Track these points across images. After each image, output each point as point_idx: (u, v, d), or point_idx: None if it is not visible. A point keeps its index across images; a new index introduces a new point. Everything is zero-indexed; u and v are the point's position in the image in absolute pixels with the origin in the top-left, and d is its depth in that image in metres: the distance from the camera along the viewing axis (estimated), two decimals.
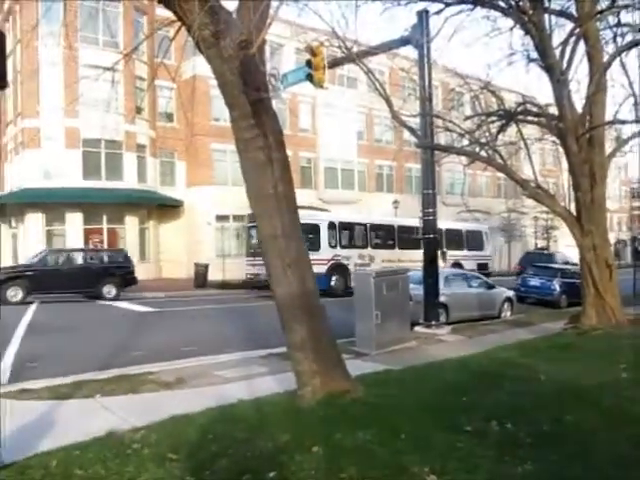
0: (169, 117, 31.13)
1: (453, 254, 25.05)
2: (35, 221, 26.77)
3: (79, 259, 19.31)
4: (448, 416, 5.16)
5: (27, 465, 4.14)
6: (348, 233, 23.44)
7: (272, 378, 7.13)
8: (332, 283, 21.06)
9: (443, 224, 26.45)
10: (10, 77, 27.44)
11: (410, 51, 13.65)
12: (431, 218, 12.42)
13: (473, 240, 28.45)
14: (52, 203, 25.89)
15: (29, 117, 26.63)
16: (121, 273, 19.57)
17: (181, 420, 5.14)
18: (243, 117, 5.11)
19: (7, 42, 4.07)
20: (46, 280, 17.44)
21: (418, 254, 23.42)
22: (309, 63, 13.32)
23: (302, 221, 22.22)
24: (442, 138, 17.67)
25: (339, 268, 21.63)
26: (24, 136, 26.88)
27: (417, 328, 11.65)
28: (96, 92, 22.78)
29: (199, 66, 22.71)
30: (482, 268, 26.16)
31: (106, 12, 28.11)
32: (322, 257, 20.61)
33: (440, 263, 23.67)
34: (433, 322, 11.89)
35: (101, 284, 18.83)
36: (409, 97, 14.24)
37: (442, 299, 12.56)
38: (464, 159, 13.52)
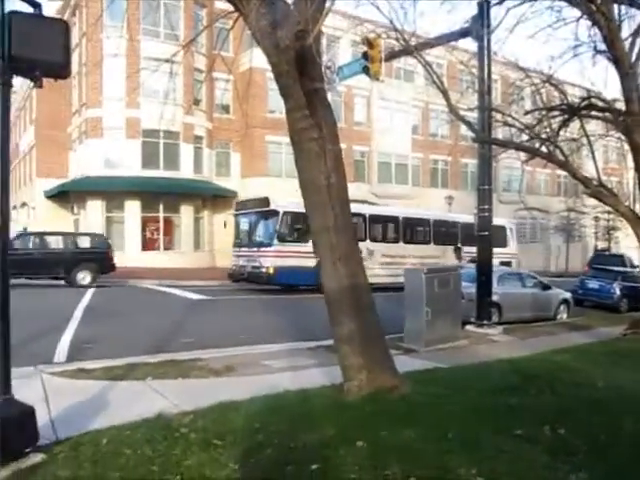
0: (225, 109, 31.59)
1: (470, 250, 23.27)
2: (96, 208, 27.81)
3: (52, 243, 18.50)
4: (498, 418, 5.01)
5: (79, 442, 4.28)
6: None
7: (319, 370, 7.13)
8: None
9: (459, 217, 25.16)
10: (76, 69, 28.54)
11: (469, 43, 13.33)
12: (486, 215, 12.11)
13: (494, 236, 26.26)
14: (112, 191, 26.82)
15: (92, 107, 27.60)
16: (97, 259, 18.54)
17: (228, 407, 5.20)
18: (298, 108, 5.10)
19: (74, 35, 4.20)
20: (15, 265, 15.94)
21: (427, 250, 22.40)
22: (366, 55, 13.27)
23: (291, 210, 20.02)
24: (500, 133, 17.21)
25: None
26: (87, 126, 27.91)
27: (468, 327, 11.42)
28: (156, 83, 23.43)
29: (256, 58, 22.86)
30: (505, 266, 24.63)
31: (167, 5, 28.73)
32: (311, 250, 19.33)
33: (453, 260, 22.77)
34: (485, 322, 11.63)
35: (75, 270, 18.02)
36: (467, 90, 13.93)
37: (495, 298, 12.26)
38: (523, 155, 13.11)
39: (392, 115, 35.91)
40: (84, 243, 19.25)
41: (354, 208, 24.05)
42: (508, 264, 25.13)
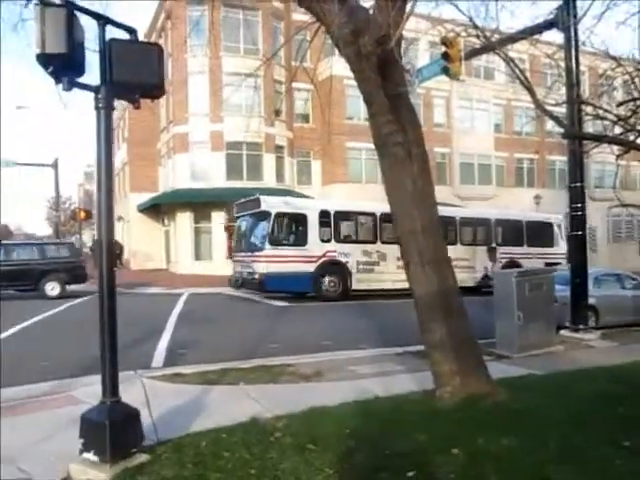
0: (305, 118, 32.12)
1: (507, 251, 20.75)
2: (184, 219, 29.10)
3: (19, 254, 17.74)
4: (601, 428, 4.74)
5: (180, 443, 4.47)
6: (348, 224, 19.75)
7: (408, 376, 7.05)
8: (324, 285, 17.63)
9: (492, 213, 22.35)
10: None
11: (555, 35, 12.78)
12: (580, 214, 11.50)
13: (538, 234, 22.52)
14: (199, 203, 27.93)
15: (179, 124, 28.91)
16: (67, 268, 17.78)
17: (319, 412, 5.26)
18: (382, 113, 5.10)
19: None
20: None
21: (451, 252, 20.10)
22: (445, 56, 13.02)
23: (285, 210, 18.08)
24: (590, 127, 16.34)
25: (333, 267, 17.95)
26: (175, 141, 29.26)
27: (563, 332, 10.87)
28: (238, 97, 24.21)
29: (335, 66, 23.15)
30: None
31: (246, 21, 29.63)
32: (309, 254, 17.37)
33: (486, 263, 20.10)
34: (581, 326, 11.02)
35: (44, 280, 17.32)
36: (554, 85, 13.33)
37: (591, 301, 11.59)
38: (616, 149, 12.37)
39: (473, 114, 35.08)
40: (53, 252, 18.44)
41: (364, 206, 19.75)
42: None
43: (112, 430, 3.90)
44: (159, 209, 31.97)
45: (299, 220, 17.83)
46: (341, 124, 29.90)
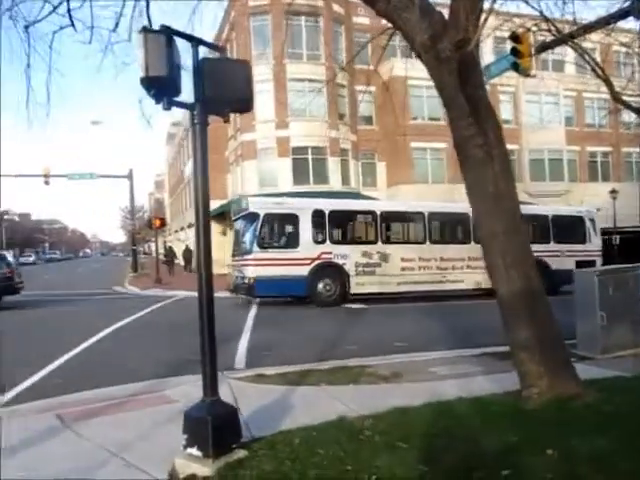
0: (368, 120, 32.20)
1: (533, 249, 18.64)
2: None
3: None
4: None
5: (274, 441, 4.67)
6: (345, 224, 18.95)
7: (487, 378, 6.99)
8: (319, 289, 16.79)
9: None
10: None
11: (630, 24, 12.30)
12: None
13: (567, 229, 20.58)
14: None
15: (247, 131, 29.66)
16: None
17: (404, 412, 5.33)
18: (461, 116, 5.13)
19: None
20: None
21: (463, 251, 17.95)
22: (514, 51, 12.81)
23: (275, 211, 17.22)
24: None
25: (329, 269, 16.96)
26: (243, 149, 30.04)
27: None
28: (302, 103, 24.61)
29: (396, 68, 23.14)
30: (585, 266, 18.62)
31: (308, 27, 30.07)
32: (301, 256, 16.55)
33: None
34: None
35: None
36: (633, 76, 12.82)
37: None
38: None
39: (541, 109, 34.04)
40: None
41: (363, 205, 19.98)
42: (591, 265, 18.77)
43: (214, 426, 4.13)
44: (226, 216, 32.84)
45: (290, 221, 17.06)
46: (405, 125, 29.79)
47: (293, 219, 16.89)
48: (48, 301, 19.83)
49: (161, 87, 3.91)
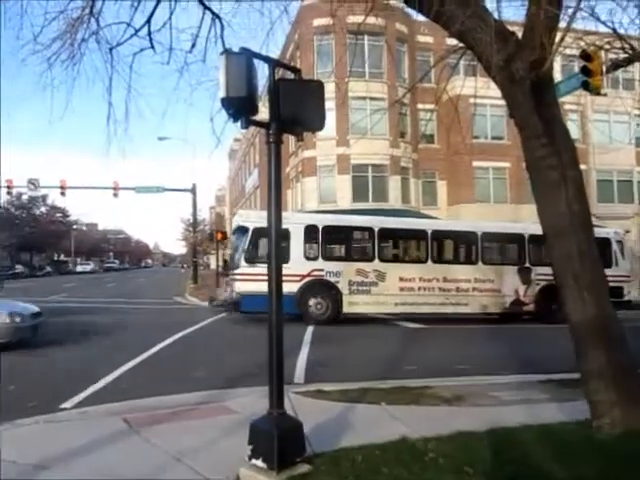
0: (429, 139, 32.01)
1: (546, 272, 15.51)
2: None
3: None
4: None
5: (336, 457, 4.67)
6: (339, 240, 18.25)
7: (554, 405, 6.75)
8: (310, 306, 16.24)
9: (523, 228, 18.28)
10: None
11: None
12: None
13: None
14: None
15: (307, 148, 30.07)
16: None
17: (468, 436, 5.23)
18: (535, 136, 5.06)
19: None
20: None
21: (470, 271, 17.00)
22: (584, 70, 12.48)
23: (264, 225, 18.36)
24: None
25: (320, 287, 16.40)
26: (303, 165, 30.46)
27: None
28: (364, 121, 24.77)
29: (458, 87, 22.93)
30: (612, 292, 15.91)
31: (371, 46, 30.29)
32: (291, 272, 15.24)
33: (518, 286, 17.04)
34: None
35: None
36: None
37: None
38: None
39: (611, 128, 32.88)
40: None
41: (360, 221, 17.64)
42: (618, 292, 17.02)
43: (279, 439, 4.19)
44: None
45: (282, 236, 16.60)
46: (467, 143, 29.42)
47: (284, 234, 16.34)
48: (111, 310, 20.56)
49: (240, 107, 4.06)
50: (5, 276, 43.59)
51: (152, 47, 6.82)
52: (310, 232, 16.67)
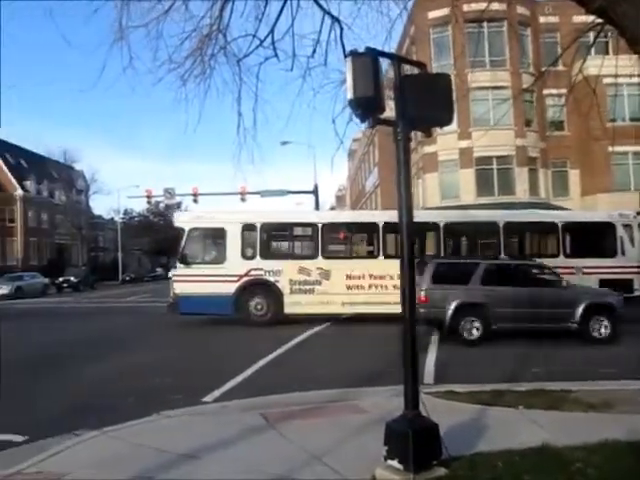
0: (558, 125, 30.06)
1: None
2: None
3: None
4: None
5: (474, 461, 4.54)
6: (280, 238, 17.28)
7: None
8: (250, 308, 15.45)
9: (501, 215, 16.53)
10: None
11: None
12: None
13: (586, 240, 16.29)
14: None
15: (428, 144, 29.53)
16: None
17: (620, 447, 4.82)
18: None
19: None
20: None
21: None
22: None
23: (201, 225, 16.45)
24: None
25: (259, 287, 15.55)
26: (424, 161, 29.96)
27: None
28: (485, 111, 23.84)
29: (591, 67, 21.24)
30: (616, 287, 13.47)
31: (491, 33, 29.06)
32: (228, 272, 15.22)
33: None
34: None
35: None
36: None
37: None
38: None
39: None
40: None
41: (300, 217, 17.73)
42: (626, 285, 14.81)
43: (415, 441, 4.14)
44: None
45: (217, 235, 16.02)
46: (602, 128, 27.24)
47: (220, 233, 15.86)
48: None
49: (368, 106, 4.07)
50: (93, 279, 46.94)
51: (276, 55, 7.05)
52: (247, 230, 16.06)
